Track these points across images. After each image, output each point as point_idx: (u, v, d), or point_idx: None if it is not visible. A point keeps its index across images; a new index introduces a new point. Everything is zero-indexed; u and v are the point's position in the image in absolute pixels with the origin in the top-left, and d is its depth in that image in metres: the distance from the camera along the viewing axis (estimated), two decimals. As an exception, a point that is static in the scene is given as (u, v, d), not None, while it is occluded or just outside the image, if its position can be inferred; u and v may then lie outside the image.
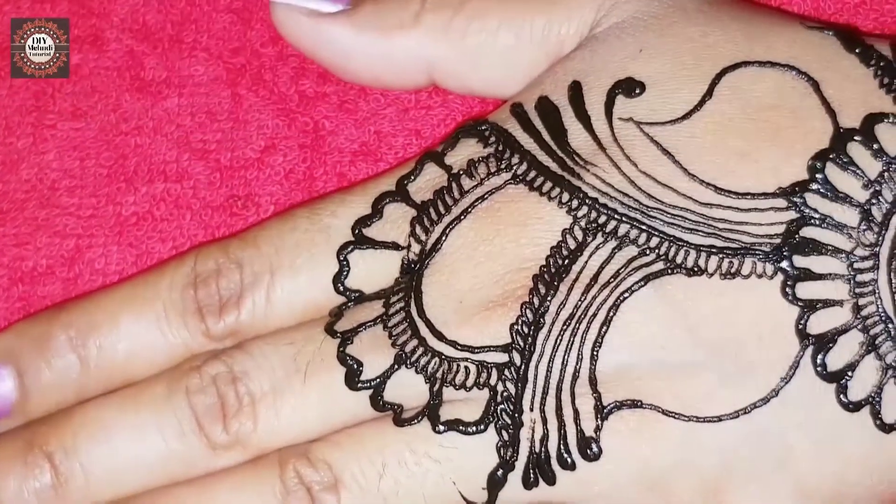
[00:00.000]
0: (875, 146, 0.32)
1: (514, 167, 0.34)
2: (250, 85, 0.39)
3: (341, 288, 0.34)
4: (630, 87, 0.34)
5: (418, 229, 0.34)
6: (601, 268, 0.33)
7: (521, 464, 0.33)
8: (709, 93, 0.33)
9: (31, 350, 0.35)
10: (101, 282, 0.38)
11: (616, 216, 0.33)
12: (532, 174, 0.33)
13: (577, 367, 0.32)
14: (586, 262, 0.33)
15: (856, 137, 0.32)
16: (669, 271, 0.32)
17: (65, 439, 0.34)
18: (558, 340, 0.32)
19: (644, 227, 0.32)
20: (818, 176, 0.32)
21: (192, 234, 0.39)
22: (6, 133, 0.39)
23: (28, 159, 0.39)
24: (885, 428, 0.32)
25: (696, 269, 0.32)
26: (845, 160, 0.32)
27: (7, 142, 0.39)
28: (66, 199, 0.39)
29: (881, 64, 0.33)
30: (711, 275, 0.32)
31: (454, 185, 0.34)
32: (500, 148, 0.34)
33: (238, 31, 0.39)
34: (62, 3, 0.39)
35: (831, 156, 0.32)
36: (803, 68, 0.33)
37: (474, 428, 0.33)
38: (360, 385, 0.33)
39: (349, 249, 0.34)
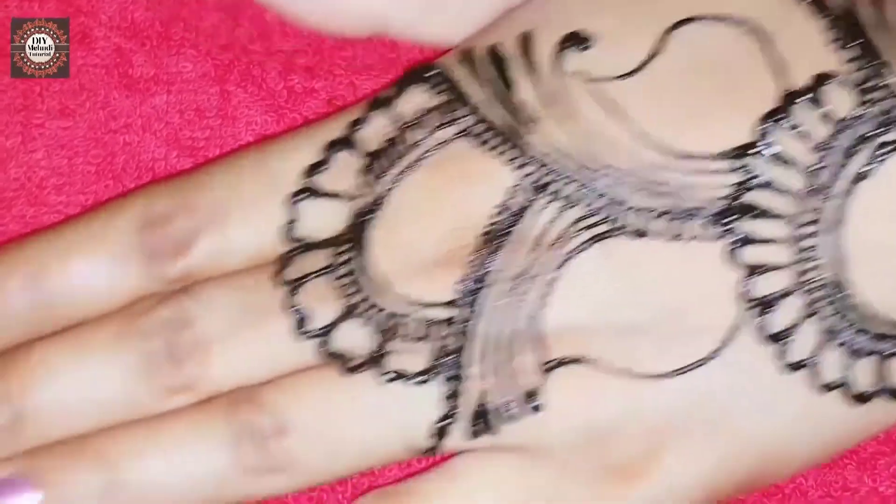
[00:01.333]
0: (822, 108, 0.32)
1: (462, 121, 0.34)
2: (239, 81, 0.39)
3: (289, 236, 0.34)
4: (580, 40, 0.33)
5: (366, 180, 0.34)
6: (546, 228, 0.33)
7: (464, 414, 0.33)
8: (658, 49, 0.33)
9: None
10: (88, 280, 0.38)
11: (562, 176, 0.33)
12: (479, 129, 0.33)
13: (521, 324, 0.33)
14: (532, 221, 0.33)
15: (803, 99, 0.32)
16: (615, 233, 0.32)
17: (15, 380, 0.34)
18: (503, 298, 0.33)
19: (590, 188, 0.32)
20: (764, 139, 0.32)
21: (181, 232, 0.38)
22: (-5, 132, 0.39)
23: (16, 158, 0.39)
24: (823, 388, 0.32)
25: (640, 231, 0.32)
26: (791, 122, 0.32)
27: (-4, 141, 0.39)
28: (54, 197, 0.39)
29: (834, 17, 0.33)
30: (656, 237, 0.32)
31: (403, 136, 0.34)
32: (449, 100, 0.34)
33: (226, 27, 0.39)
34: (50, 1, 0.39)
35: (777, 118, 0.32)
36: (755, 23, 0.33)
37: (418, 379, 0.33)
38: (307, 334, 0.33)
39: (298, 198, 0.34)
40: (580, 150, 0.33)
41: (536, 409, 0.33)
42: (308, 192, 0.34)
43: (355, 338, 0.33)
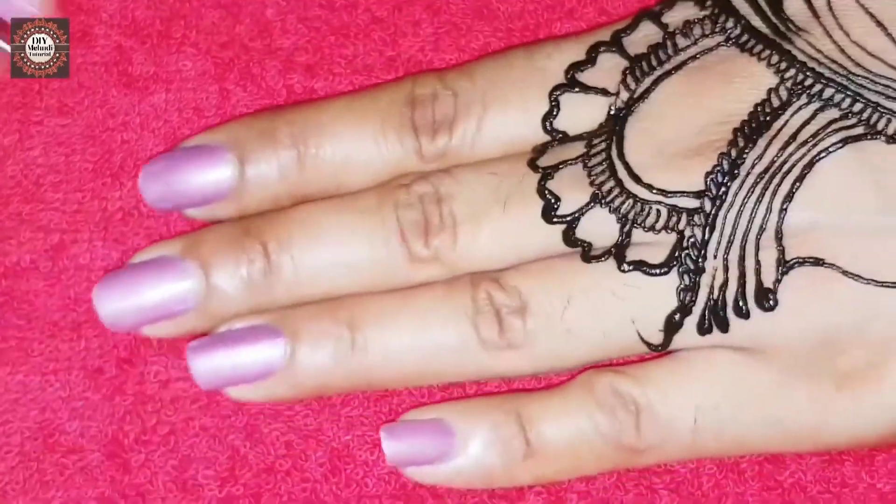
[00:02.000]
0: None
1: (729, 30, 0.35)
2: (238, 79, 0.39)
3: (549, 126, 0.35)
4: None
5: (629, 78, 0.35)
6: (801, 127, 0.34)
7: (698, 309, 0.34)
8: None
9: (255, 140, 0.36)
10: (85, 277, 0.38)
11: (822, 79, 0.34)
12: (745, 37, 0.35)
13: (765, 219, 0.33)
14: (788, 120, 0.34)
15: None
16: (869, 136, 0.33)
17: (279, 233, 0.35)
18: (750, 192, 0.33)
19: (849, 93, 0.33)
20: None
21: (179, 230, 0.38)
22: (-8, 129, 0.39)
23: (14, 155, 0.39)
24: None
25: (895, 136, 0.33)
26: None
27: (-7, 138, 0.39)
28: (50, 194, 0.38)
29: None
30: None
31: (669, 42, 0.35)
32: (716, 11, 0.35)
33: (226, 25, 0.39)
34: (51, -1, 0.39)
35: None
36: None
37: (658, 270, 0.34)
38: (555, 219, 0.34)
39: (561, 91, 0.35)
40: (843, 59, 0.34)
41: (771, 307, 0.33)
42: (571, 85, 0.35)
43: (601, 226, 0.34)
